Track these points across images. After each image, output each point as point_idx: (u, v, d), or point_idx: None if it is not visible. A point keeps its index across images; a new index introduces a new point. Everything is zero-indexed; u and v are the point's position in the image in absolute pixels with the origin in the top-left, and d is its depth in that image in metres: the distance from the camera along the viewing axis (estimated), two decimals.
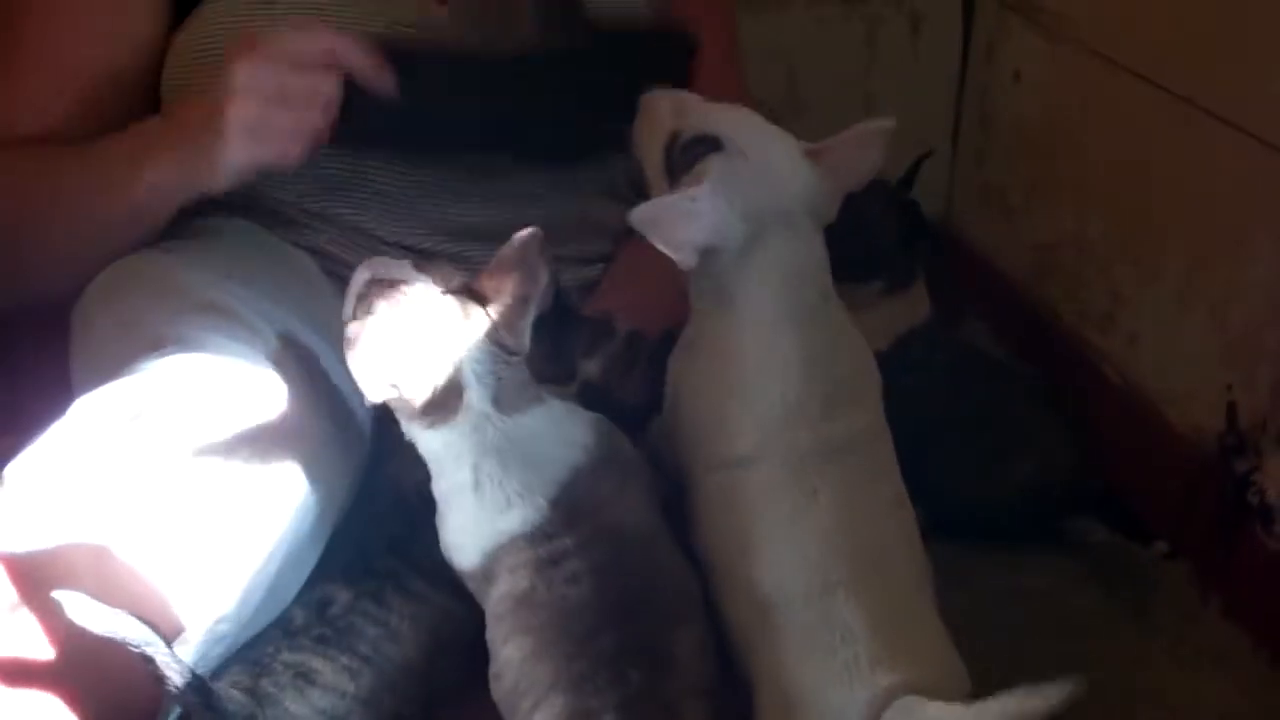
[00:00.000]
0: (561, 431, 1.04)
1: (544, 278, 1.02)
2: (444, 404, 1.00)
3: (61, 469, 0.94)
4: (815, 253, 1.07)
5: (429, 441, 1.03)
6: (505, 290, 1.01)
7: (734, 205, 1.03)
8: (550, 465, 1.02)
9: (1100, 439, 1.68)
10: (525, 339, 1.02)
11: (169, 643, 0.89)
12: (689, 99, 1.10)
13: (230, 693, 0.96)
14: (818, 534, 1.03)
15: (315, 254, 1.29)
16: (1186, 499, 1.51)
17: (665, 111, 1.10)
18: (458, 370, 1.00)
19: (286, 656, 1.01)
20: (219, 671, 1.00)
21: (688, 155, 1.06)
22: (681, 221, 1.02)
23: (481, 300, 1.02)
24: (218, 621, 0.97)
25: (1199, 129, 1.47)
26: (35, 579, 0.89)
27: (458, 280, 1.03)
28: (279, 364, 1.05)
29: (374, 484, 1.15)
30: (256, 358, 1.05)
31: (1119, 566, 1.59)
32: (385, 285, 1.01)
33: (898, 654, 0.99)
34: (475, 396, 1.01)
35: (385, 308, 1.00)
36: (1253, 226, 1.41)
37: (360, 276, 1.03)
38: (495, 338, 1.01)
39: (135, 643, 0.87)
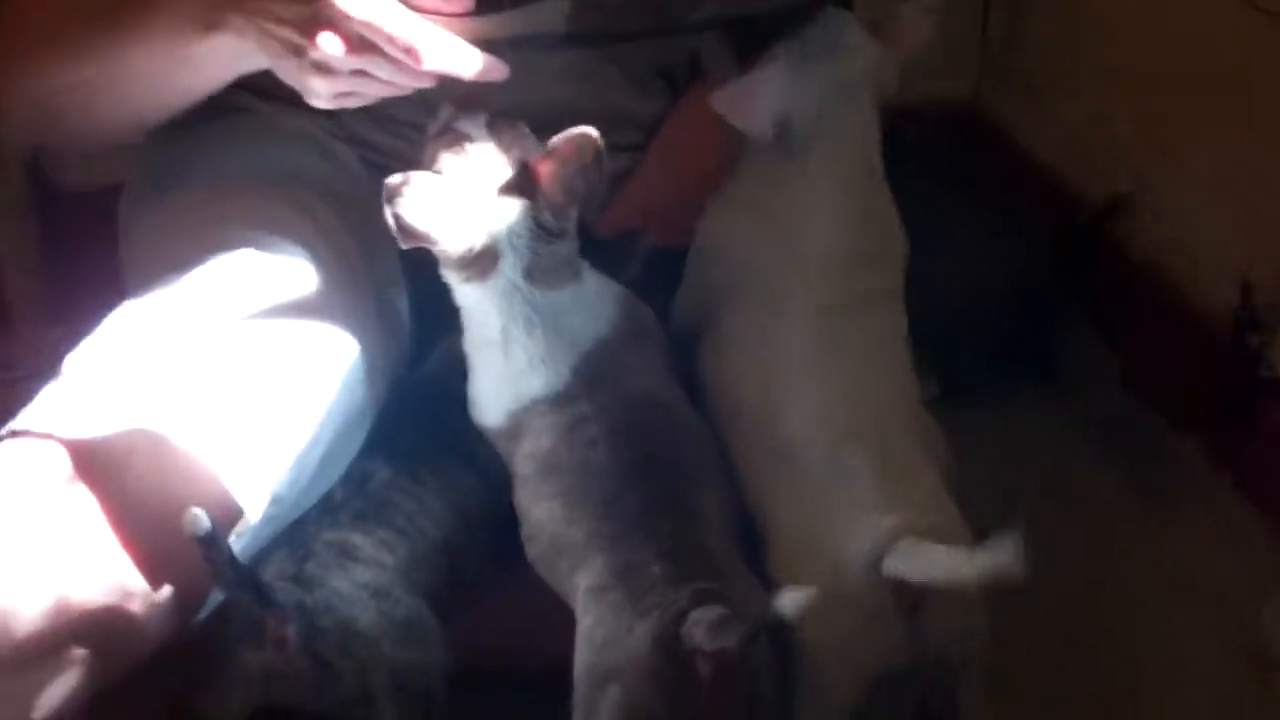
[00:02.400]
0: (591, 306, 1.08)
1: (595, 177, 1.04)
2: (479, 264, 1.05)
3: (119, 359, 0.98)
4: (873, 124, 1.18)
5: (464, 294, 1.07)
6: (557, 176, 1.04)
7: (805, 79, 1.14)
8: (576, 336, 1.07)
9: (1121, 317, 1.72)
10: (568, 224, 1.07)
11: (228, 529, 0.94)
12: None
13: (278, 584, 1.00)
14: (839, 383, 1.10)
15: (353, 143, 1.30)
16: (1202, 375, 1.55)
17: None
18: (495, 236, 1.04)
19: (328, 535, 1.05)
20: (266, 555, 1.04)
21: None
22: (759, 98, 1.14)
23: (534, 177, 1.05)
24: (271, 503, 1.01)
25: (1224, 9, 1.49)
26: (96, 465, 0.92)
27: (518, 150, 1.06)
28: (322, 256, 1.09)
29: (411, 376, 1.20)
30: (300, 250, 1.09)
31: (1133, 442, 1.64)
32: (453, 136, 1.05)
33: (901, 500, 1.04)
34: (509, 265, 1.05)
35: (448, 159, 1.05)
36: (1272, 103, 1.43)
37: (442, 115, 1.08)
38: (537, 215, 1.05)
39: (203, 538, 0.89)
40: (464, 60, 1.00)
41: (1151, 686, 1.37)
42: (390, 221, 1.00)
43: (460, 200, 1.03)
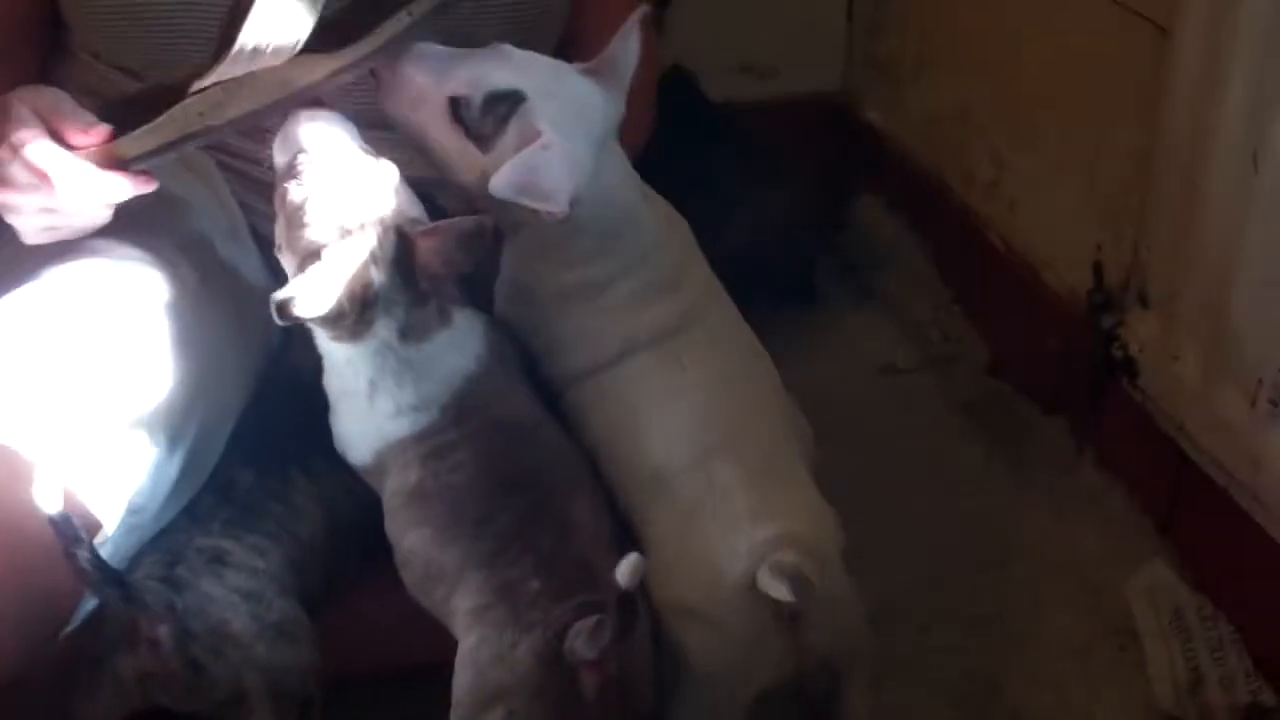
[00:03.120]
0: (461, 345, 1.07)
1: (478, 251, 1.03)
2: (353, 329, 1.03)
3: None
4: (623, 157, 1.11)
5: (332, 350, 1.06)
6: (438, 252, 1.02)
7: (575, 141, 1.03)
8: (446, 377, 1.06)
9: (987, 304, 1.77)
10: (443, 288, 1.06)
11: (90, 539, 0.93)
12: (450, 57, 1.07)
13: (146, 584, 0.99)
14: (691, 404, 1.08)
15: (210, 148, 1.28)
16: (1063, 357, 1.59)
17: (429, 81, 1.06)
18: (370, 297, 1.02)
19: (199, 542, 1.05)
20: (135, 562, 1.03)
21: (491, 115, 1.04)
22: (545, 174, 1.00)
23: (412, 249, 1.02)
24: (130, 513, 1.00)
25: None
26: None
27: (394, 209, 1.03)
28: (177, 264, 1.08)
29: (276, 370, 1.19)
30: (158, 260, 1.07)
31: (1000, 423, 1.68)
32: (309, 180, 1.02)
33: (772, 509, 1.04)
34: (383, 327, 1.03)
35: (322, 224, 1.01)
36: (1117, 88, 1.47)
37: (293, 152, 1.04)
38: (413, 286, 1.03)
39: (65, 538, 0.90)
40: (107, 188, 0.99)
41: (1020, 660, 1.41)
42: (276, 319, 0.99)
43: (339, 274, 1.01)
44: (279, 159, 1.05)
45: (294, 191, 1.02)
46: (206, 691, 0.97)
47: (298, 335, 1.10)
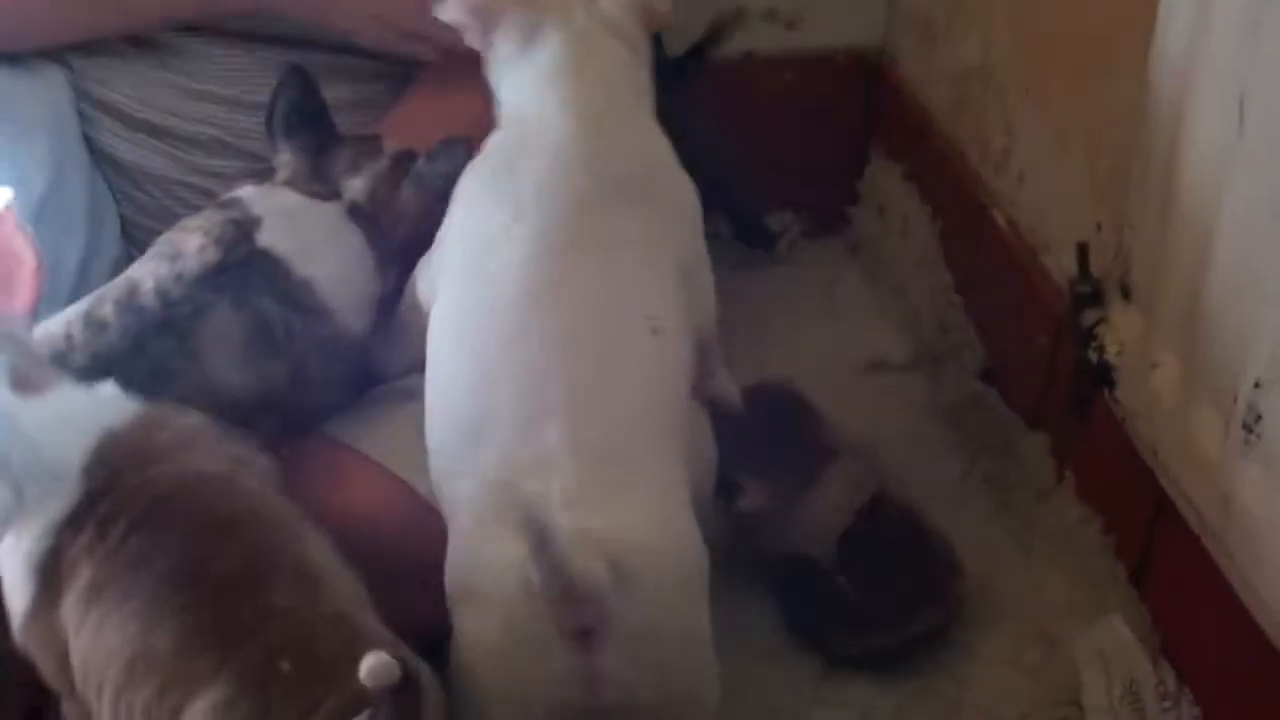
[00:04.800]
0: (85, 403, 0.88)
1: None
2: None
3: None
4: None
5: None
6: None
7: None
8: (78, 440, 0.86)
9: (986, 293, 1.50)
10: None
11: None
12: None
13: None
14: (538, 344, 0.89)
15: None
16: (1049, 359, 1.32)
17: None
18: None
19: None
20: None
21: None
22: None
23: None
24: None
25: None
26: None
27: None
28: None
29: None
30: None
31: (982, 436, 1.42)
32: None
33: (603, 497, 0.84)
34: None
35: None
36: (1124, 33, 1.19)
37: None
38: None
39: None
40: None
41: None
42: None
43: None
44: None
45: None
46: None
47: None
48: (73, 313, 0.97)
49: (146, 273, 0.98)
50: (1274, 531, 0.96)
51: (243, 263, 0.99)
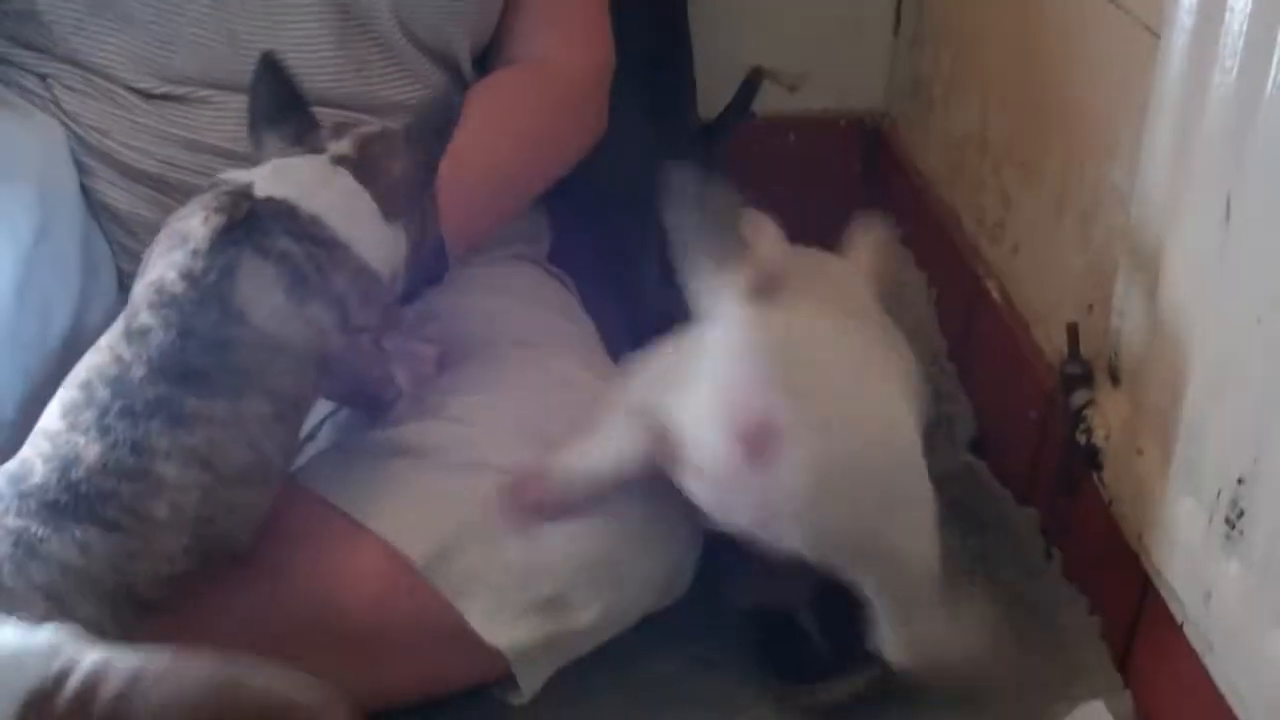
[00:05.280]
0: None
1: None
2: None
3: None
4: None
5: None
6: None
7: None
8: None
9: (979, 363, 1.49)
10: None
11: None
12: None
13: None
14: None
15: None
16: (1040, 436, 1.31)
17: None
18: None
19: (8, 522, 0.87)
20: None
21: None
22: None
23: None
24: None
25: (1088, 10, 1.26)
26: None
27: None
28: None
29: None
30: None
31: (972, 509, 1.41)
32: None
33: None
34: None
35: None
36: (1122, 120, 1.19)
37: None
38: None
39: None
40: None
41: None
42: None
43: None
44: None
45: None
46: None
47: None
48: (109, 339, 0.95)
49: (165, 266, 0.96)
50: (1253, 629, 0.95)
51: (250, 214, 0.96)
